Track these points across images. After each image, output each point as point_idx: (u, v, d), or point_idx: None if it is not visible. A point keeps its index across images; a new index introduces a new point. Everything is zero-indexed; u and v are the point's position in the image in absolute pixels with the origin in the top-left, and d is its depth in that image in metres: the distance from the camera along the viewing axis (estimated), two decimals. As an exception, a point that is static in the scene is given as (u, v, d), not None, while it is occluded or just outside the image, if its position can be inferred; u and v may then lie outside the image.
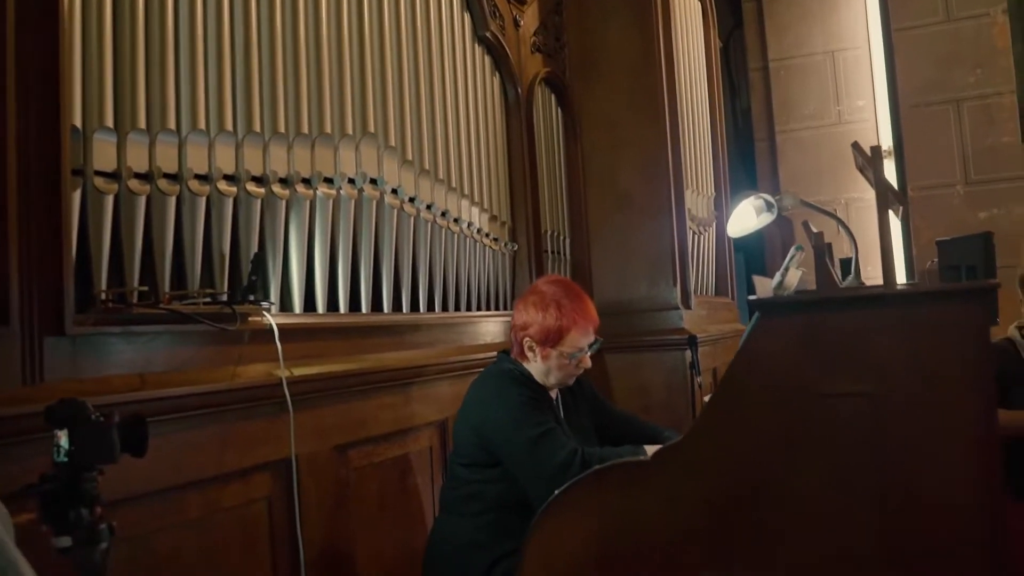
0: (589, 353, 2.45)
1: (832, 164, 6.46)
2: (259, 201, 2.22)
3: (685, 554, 1.57)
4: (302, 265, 2.40)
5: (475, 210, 3.40)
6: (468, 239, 3.31)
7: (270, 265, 2.29)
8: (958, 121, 6.07)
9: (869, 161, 1.87)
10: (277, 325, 2.14)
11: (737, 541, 1.56)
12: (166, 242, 1.95)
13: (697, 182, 5.09)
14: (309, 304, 2.46)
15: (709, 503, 1.57)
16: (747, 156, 7.16)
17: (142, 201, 1.89)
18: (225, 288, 2.12)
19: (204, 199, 2.05)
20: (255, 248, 2.20)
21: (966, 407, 1.43)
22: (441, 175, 3.12)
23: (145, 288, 1.87)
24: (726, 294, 5.71)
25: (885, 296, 1.51)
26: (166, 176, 1.95)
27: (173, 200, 1.97)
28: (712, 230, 5.43)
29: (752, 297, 1.57)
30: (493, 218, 3.58)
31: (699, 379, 3.75)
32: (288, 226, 2.37)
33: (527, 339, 2.39)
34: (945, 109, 6.10)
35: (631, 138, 4.38)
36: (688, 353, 3.93)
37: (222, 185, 2.10)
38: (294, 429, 2.18)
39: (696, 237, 4.93)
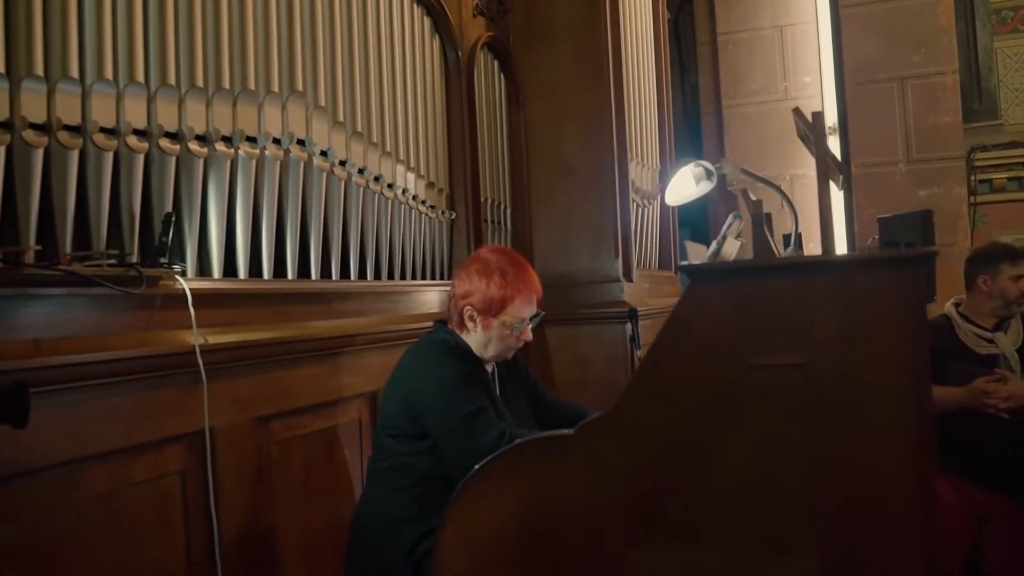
0: (531, 326, 2.37)
1: (778, 140, 6.47)
2: (173, 159, 2.10)
3: (610, 531, 1.51)
4: (222, 228, 2.28)
5: (411, 176, 3.29)
6: (403, 206, 3.21)
7: (186, 227, 2.18)
8: (902, 99, 6.10)
9: (810, 128, 1.82)
10: (191, 290, 2.03)
11: (664, 517, 1.50)
12: (67, 199, 1.83)
13: (642, 154, 5.03)
14: (230, 270, 2.35)
15: (634, 478, 1.50)
16: (694, 131, 7.14)
17: (39, 154, 1.76)
18: (135, 250, 1.99)
19: (111, 154, 1.92)
20: (169, 209, 2.08)
21: (901, 380, 1.38)
22: (375, 138, 3.01)
23: (40, 248, 1.74)
24: (669, 268, 5.68)
25: (820, 263, 1.46)
26: (67, 128, 1.82)
27: (75, 154, 1.84)
28: (657, 203, 5.38)
29: (684, 263, 1.50)
30: (430, 185, 3.48)
31: (639, 352, 3.72)
32: (206, 187, 2.25)
33: (468, 308, 2.31)
34: (890, 87, 6.13)
35: (575, 107, 4.29)
36: (628, 326, 3.89)
37: (132, 140, 1.98)
38: (208, 399, 2.08)
39: (640, 210, 4.88)
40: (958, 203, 6.02)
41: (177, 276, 2.00)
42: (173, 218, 1.98)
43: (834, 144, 6.53)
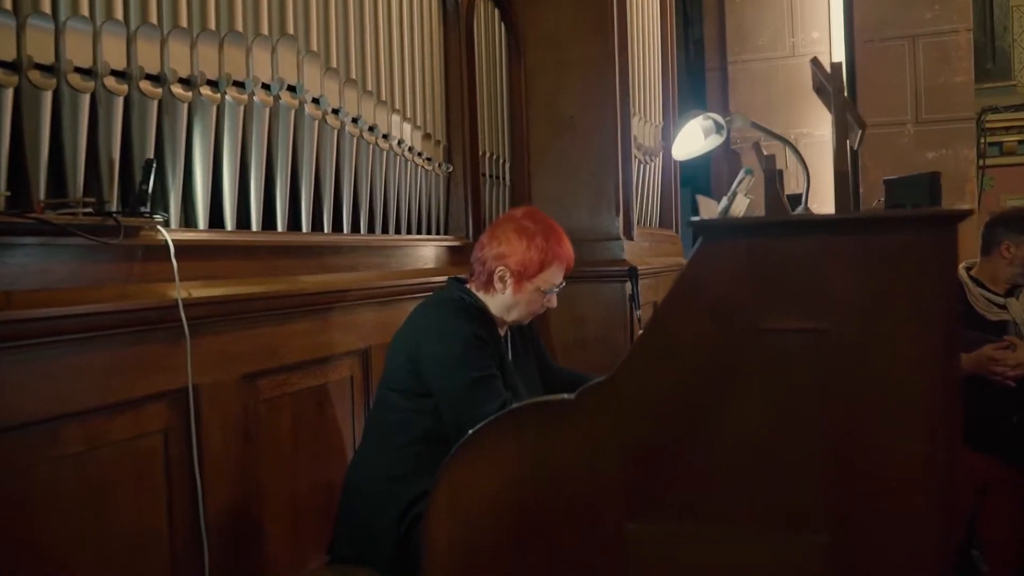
0: (555, 295, 2.29)
1: (784, 97, 6.33)
2: (155, 103, 1.99)
3: (609, 502, 1.43)
4: (207, 178, 2.18)
5: (407, 127, 3.18)
6: (398, 157, 3.10)
7: (169, 176, 2.07)
8: (912, 58, 5.96)
9: (829, 79, 1.71)
10: (173, 241, 1.93)
11: (665, 491, 1.42)
12: (40, 143, 1.72)
13: (645, 110, 4.91)
14: (216, 221, 2.25)
15: (635, 448, 1.42)
16: (698, 88, 6.99)
17: (8, 95, 1.65)
18: (114, 199, 1.90)
19: (87, 97, 1.81)
20: (150, 155, 1.98)
21: (927, 348, 1.29)
22: (370, 86, 2.90)
23: (10, 195, 1.64)
24: (670, 227, 5.59)
25: (841, 221, 1.36)
26: (39, 68, 1.71)
27: (49, 96, 1.73)
28: (659, 160, 5.28)
29: (695, 219, 1.40)
30: (427, 136, 3.36)
31: (638, 313, 3.63)
32: (191, 133, 2.14)
33: (502, 268, 2.21)
34: (900, 45, 5.98)
35: (577, 59, 4.17)
36: (628, 285, 3.81)
37: (110, 82, 1.86)
38: (192, 356, 2.00)
39: (642, 167, 4.77)
40: (966, 166, 5.91)
41: (159, 226, 1.90)
42: (154, 165, 1.87)
43: (841, 103, 6.38)
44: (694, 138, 2.29)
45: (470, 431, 1.55)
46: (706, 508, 1.40)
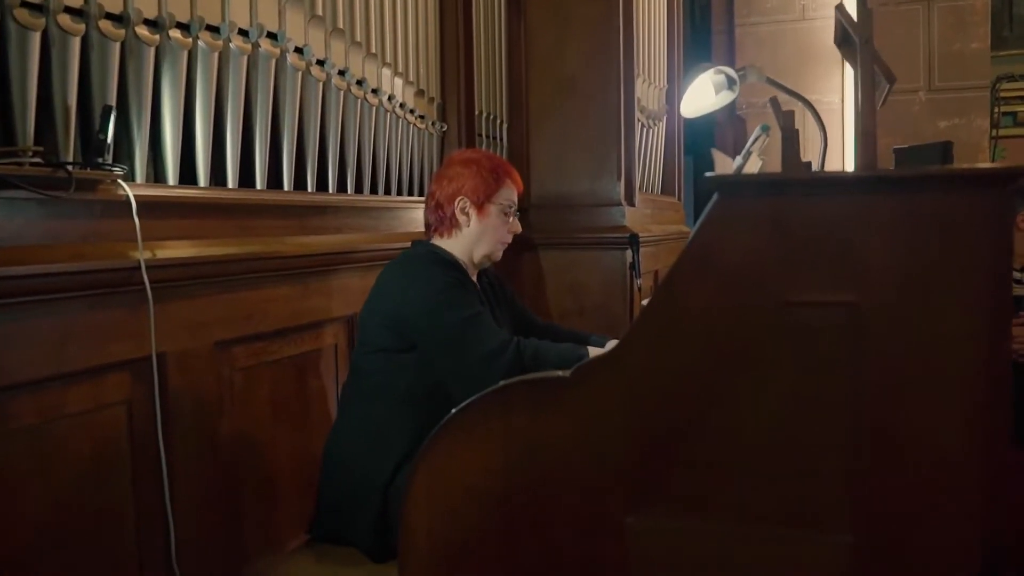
0: (516, 219, 2.24)
1: (793, 62, 6.12)
2: (117, 45, 1.82)
3: (606, 493, 1.28)
4: (177, 129, 2.01)
5: (399, 82, 3.00)
6: (389, 114, 2.93)
7: (135, 126, 1.91)
8: (927, 23, 5.76)
9: (855, 27, 1.54)
10: (136, 197, 1.77)
11: (669, 480, 1.27)
12: (-18, 85, 1.55)
13: (649, 71, 4.72)
14: (189, 177, 2.09)
15: (638, 433, 1.27)
16: (703, 51, 6.78)
17: (-56, 29, 1.48)
18: (71, 150, 1.73)
19: (38, 35, 1.64)
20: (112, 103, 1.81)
21: (974, 327, 1.14)
22: (359, 37, 2.71)
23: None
24: (673, 194, 5.42)
25: (879, 179, 1.19)
26: (-19, 0, 1.54)
27: (-8, 32, 1.56)
28: (662, 125, 5.10)
29: (710, 174, 1.24)
30: (420, 93, 3.18)
31: (639, 281, 3.50)
32: (160, 80, 1.97)
33: (461, 199, 2.16)
34: (915, 9, 5.77)
35: (580, 17, 3.99)
36: (628, 253, 3.66)
37: (64, 20, 1.69)
38: (158, 322, 1.84)
39: (645, 130, 4.60)
40: (979, 136, 5.72)
41: (119, 180, 1.74)
42: (113, 112, 1.70)
43: (851, 69, 6.20)
44: (704, 94, 2.12)
45: (453, 411, 1.38)
46: (716, 502, 1.25)
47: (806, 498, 1.21)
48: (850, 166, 5.42)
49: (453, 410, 1.36)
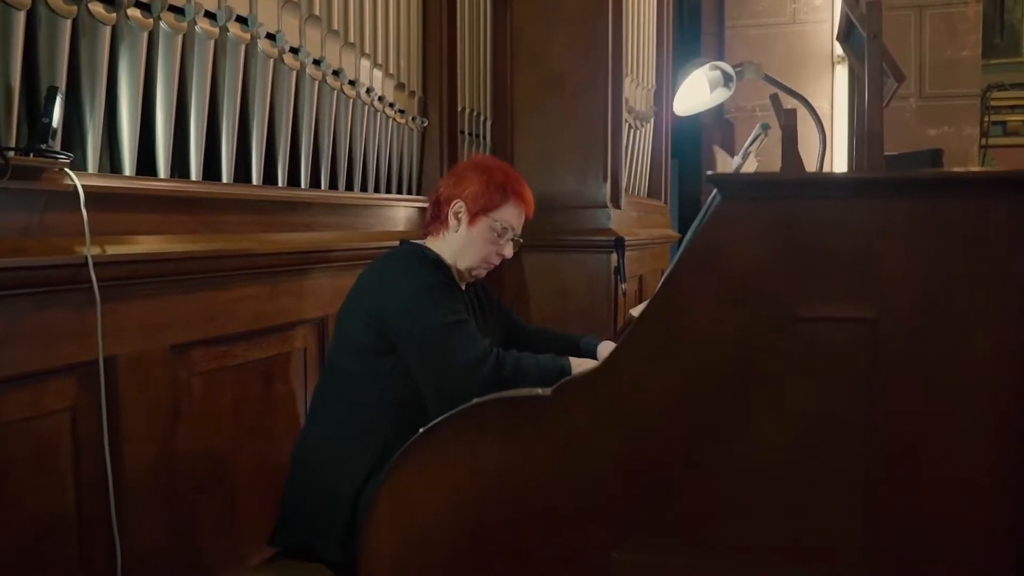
0: (511, 241, 2.12)
1: (782, 66, 6.01)
2: (68, 22, 1.68)
3: (590, 526, 1.16)
4: (135, 116, 1.87)
5: (378, 74, 2.87)
6: (367, 107, 2.80)
7: (87, 112, 1.76)
8: (919, 29, 5.68)
9: (863, 20, 1.42)
10: (85, 187, 1.63)
11: (663, 513, 1.14)
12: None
13: (637, 71, 4.61)
14: (148, 167, 1.95)
15: (627, 458, 1.14)
16: (692, 53, 6.68)
17: None
18: (14, 136, 1.59)
19: (-23, 8, 1.50)
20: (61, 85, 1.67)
21: (1004, 346, 1.02)
22: (336, 25, 2.58)
23: None
24: (659, 197, 5.31)
25: (901, 182, 1.07)
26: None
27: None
28: (650, 126, 4.99)
29: (712, 173, 1.11)
30: (400, 86, 3.05)
31: (623, 286, 3.38)
32: (116, 62, 1.83)
33: (458, 202, 2.06)
34: (907, 15, 5.69)
35: (568, 12, 3.88)
36: (614, 256, 3.54)
37: (8, -7, 1.55)
38: (108, 323, 1.71)
39: (632, 131, 4.49)
40: (969, 144, 5.65)
41: (66, 169, 1.60)
42: (60, 95, 1.56)
43: (842, 74, 6.14)
44: (699, 91, 2.00)
45: (422, 429, 1.26)
46: (715, 536, 1.12)
47: (816, 531, 1.09)
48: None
49: (422, 429, 1.23)
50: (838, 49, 6.24)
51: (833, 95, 6.01)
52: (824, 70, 5.99)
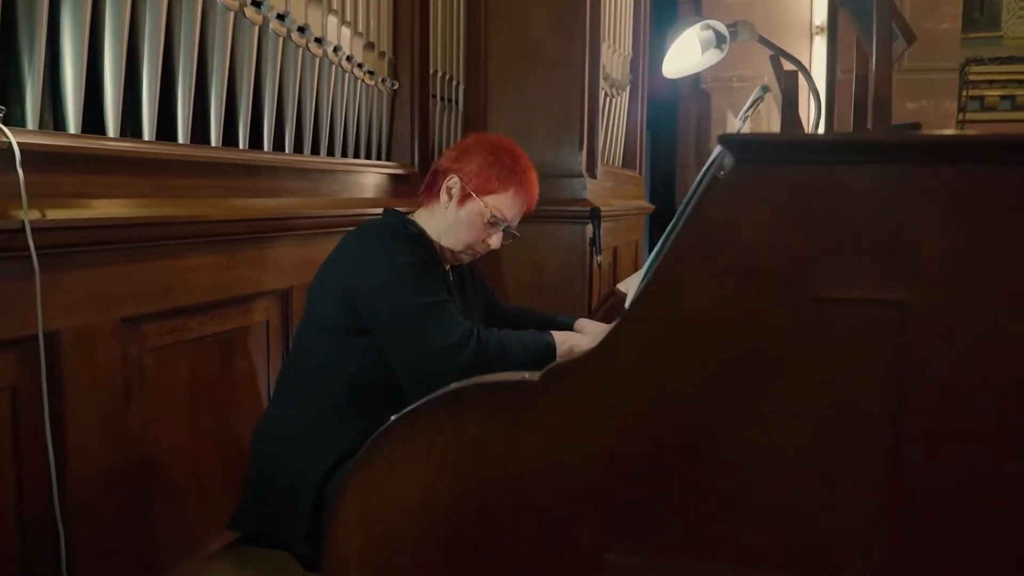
0: (501, 233, 1.98)
1: (763, 34, 5.92)
2: (1, -38, 1.52)
3: (580, 526, 1.05)
4: (80, 69, 1.71)
5: (346, 32, 2.72)
6: (334, 67, 2.64)
7: (24, 63, 1.61)
8: (900, 1, 5.59)
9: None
10: (20, 145, 1.48)
11: (659, 512, 1.04)
12: None
13: (615, 38, 4.49)
14: (95, 125, 1.80)
15: (622, 452, 1.03)
16: (669, 20, 6.56)
17: None
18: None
19: None
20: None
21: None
22: (301, -22, 2.42)
23: None
24: (634, 167, 5.21)
25: (934, 144, 0.95)
26: None
27: None
28: (626, 94, 4.87)
29: (724, 134, 0.98)
30: (369, 46, 2.90)
31: (599, 258, 3.29)
32: (58, 10, 1.67)
33: (454, 177, 1.92)
34: (887, -15, 5.60)
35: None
36: (589, 227, 3.44)
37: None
38: (50, 295, 1.57)
39: (608, 100, 4.36)
40: (946, 119, 5.61)
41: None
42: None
43: (820, 46, 6.06)
44: (690, 52, 1.88)
45: (393, 417, 1.14)
46: (716, 539, 1.02)
47: (830, 539, 0.99)
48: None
49: (393, 416, 1.11)
50: (817, 19, 6.15)
51: (811, 64, 5.92)
52: (803, 40, 5.90)
